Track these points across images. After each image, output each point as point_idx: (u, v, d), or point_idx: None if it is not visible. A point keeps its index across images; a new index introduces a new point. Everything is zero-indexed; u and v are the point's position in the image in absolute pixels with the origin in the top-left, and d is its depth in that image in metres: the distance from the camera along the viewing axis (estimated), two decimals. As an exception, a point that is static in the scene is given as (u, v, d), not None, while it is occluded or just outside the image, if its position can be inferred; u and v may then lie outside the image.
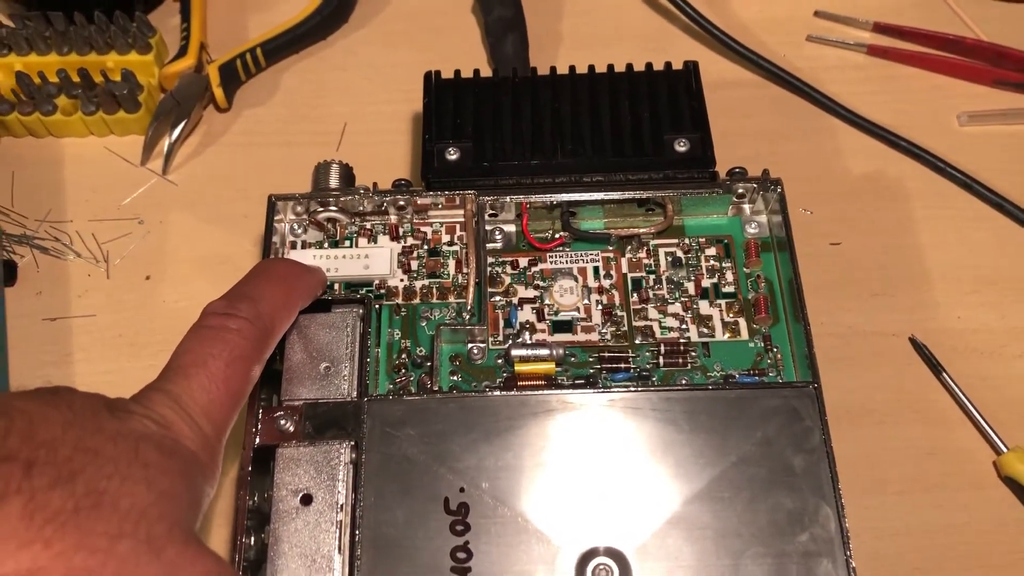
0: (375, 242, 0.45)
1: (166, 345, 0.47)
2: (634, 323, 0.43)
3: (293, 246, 0.45)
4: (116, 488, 0.26)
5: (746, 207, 0.45)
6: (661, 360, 0.42)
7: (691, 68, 0.47)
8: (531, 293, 0.44)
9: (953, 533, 0.43)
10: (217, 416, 0.32)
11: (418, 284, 0.44)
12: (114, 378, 0.47)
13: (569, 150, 0.45)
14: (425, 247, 0.45)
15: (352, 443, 0.38)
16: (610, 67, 0.47)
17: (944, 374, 0.46)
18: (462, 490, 0.37)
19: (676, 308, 0.43)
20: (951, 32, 0.56)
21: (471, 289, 0.43)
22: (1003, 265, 0.49)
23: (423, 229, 0.45)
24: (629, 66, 0.47)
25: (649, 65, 0.47)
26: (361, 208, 0.45)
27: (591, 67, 0.47)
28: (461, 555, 0.36)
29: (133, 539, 0.26)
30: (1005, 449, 0.44)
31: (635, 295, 0.44)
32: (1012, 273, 0.49)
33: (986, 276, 0.49)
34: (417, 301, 0.43)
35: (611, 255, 0.45)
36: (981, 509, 0.43)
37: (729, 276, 0.44)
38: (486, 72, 0.48)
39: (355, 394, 0.40)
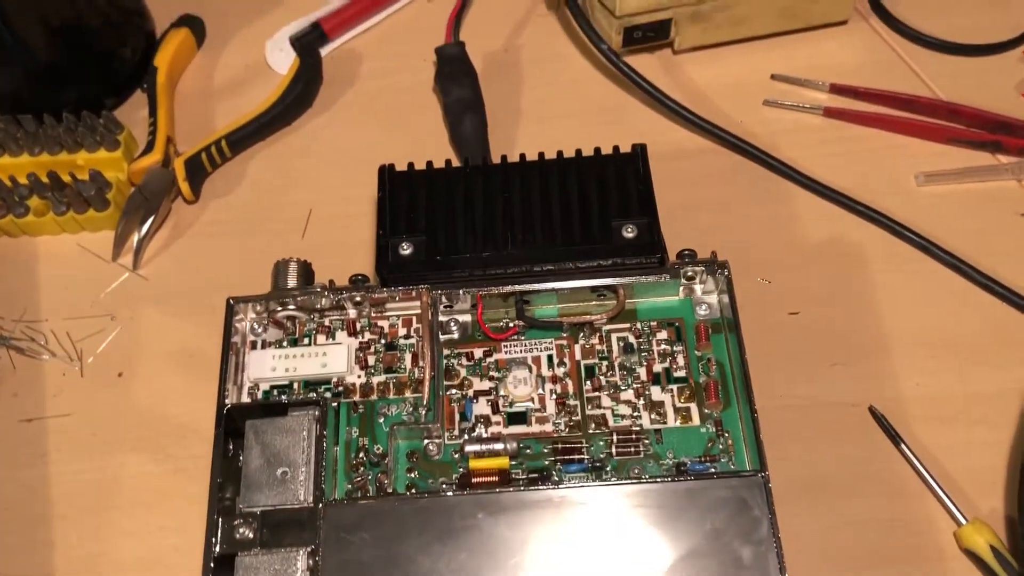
0: (333, 338, 0.46)
1: (139, 443, 0.49)
2: (587, 411, 0.44)
3: (254, 345, 0.46)
4: None
5: (697, 288, 0.46)
6: (614, 449, 0.42)
7: (639, 152, 0.47)
8: (486, 385, 0.45)
9: (914, 608, 0.43)
10: None
11: (375, 380, 0.45)
12: (88, 477, 0.48)
13: (520, 240, 0.45)
14: (383, 341, 0.46)
15: (309, 549, 0.39)
16: (559, 153, 0.48)
17: (903, 444, 0.46)
18: (416, 594, 0.38)
19: (629, 395, 0.44)
20: (906, 91, 0.56)
21: (427, 383, 0.44)
22: (961, 328, 0.50)
23: (380, 323, 0.46)
24: (578, 151, 0.48)
25: (597, 149, 0.48)
26: (319, 305, 0.46)
27: (541, 154, 0.48)
28: (416, 661, 0.37)
29: None
30: (964, 521, 0.44)
31: (588, 383, 0.44)
32: (970, 336, 0.49)
33: (945, 340, 0.49)
34: (374, 397, 0.44)
35: (564, 342, 0.45)
36: (942, 582, 0.43)
37: (680, 360, 0.44)
38: (446, 153, 0.48)
39: (311, 499, 0.40)
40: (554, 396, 0.44)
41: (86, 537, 0.47)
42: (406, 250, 0.46)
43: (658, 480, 0.40)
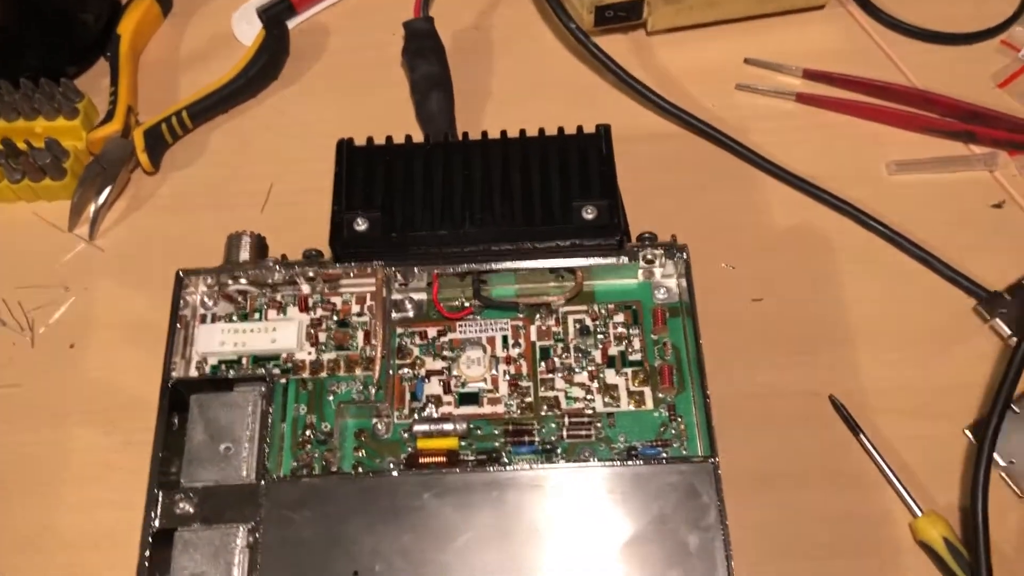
0: (285, 313, 0.45)
1: (89, 416, 0.48)
2: (540, 394, 0.43)
3: (203, 319, 0.45)
4: None
5: (656, 271, 0.45)
6: (565, 432, 0.42)
7: (603, 132, 0.47)
8: (439, 364, 0.44)
9: (866, 600, 0.42)
10: None
11: (326, 357, 0.44)
12: (36, 450, 0.47)
13: (479, 219, 0.45)
14: (335, 318, 0.45)
15: (250, 526, 0.39)
16: (522, 132, 0.47)
17: (862, 435, 0.45)
18: (355, 574, 0.37)
19: (583, 377, 0.43)
20: (881, 78, 0.55)
21: (378, 362, 0.43)
22: (927, 321, 0.49)
23: (333, 300, 0.45)
24: (541, 130, 0.47)
25: (561, 129, 0.47)
26: (271, 280, 0.45)
27: (503, 132, 0.47)
28: (353, 641, 0.37)
29: None
30: (920, 513, 0.43)
31: (543, 364, 0.43)
32: (936, 329, 0.49)
33: (910, 333, 0.49)
34: (324, 375, 0.43)
35: (520, 323, 0.45)
36: (896, 574, 0.43)
37: (636, 343, 0.44)
38: (412, 130, 0.48)
39: (254, 476, 0.40)
40: (507, 377, 0.43)
41: (31, 510, 0.46)
42: (361, 226, 0.45)
43: (607, 464, 0.39)
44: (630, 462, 0.39)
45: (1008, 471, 0.44)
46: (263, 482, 0.39)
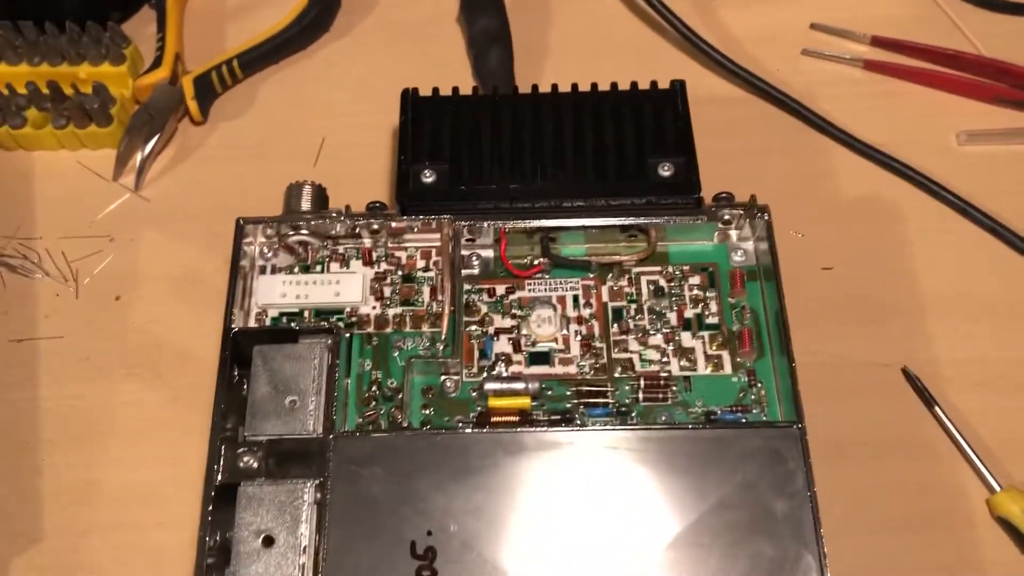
0: (347, 267, 0.43)
1: (134, 368, 0.47)
2: (614, 355, 0.41)
3: (263, 270, 0.43)
4: None
5: (732, 234, 0.44)
6: (640, 395, 0.40)
7: (678, 88, 0.45)
8: (508, 323, 0.42)
9: (942, 573, 0.41)
10: None
11: (391, 312, 0.42)
12: (80, 403, 0.45)
13: (550, 173, 0.43)
14: (399, 273, 0.43)
15: (317, 482, 0.37)
16: (594, 86, 0.45)
17: (937, 407, 0.44)
18: (429, 533, 0.36)
19: (657, 340, 0.42)
20: (951, 47, 0.54)
21: (446, 318, 0.42)
22: (1000, 293, 0.48)
23: (397, 254, 0.44)
24: (614, 85, 0.46)
25: (634, 84, 0.45)
26: (333, 232, 0.43)
27: (574, 85, 0.46)
28: (427, 602, 0.35)
29: None
30: (998, 488, 0.42)
31: (615, 326, 0.42)
32: (1009, 301, 0.47)
33: (983, 304, 0.47)
34: (390, 330, 0.42)
35: (591, 283, 0.43)
36: (971, 549, 0.42)
37: (713, 306, 0.42)
38: (467, 87, 0.46)
39: (321, 430, 0.38)
40: (579, 338, 0.42)
41: (76, 464, 0.44)
42: (428, 178, 0.43)
43: (689, 427, 0.38)
44: (711, 426, 0.38)
45: (1088, 447, 0.43)
46: (331, 436, 0.38)
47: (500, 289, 0.43)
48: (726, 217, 0.43)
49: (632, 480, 0.37)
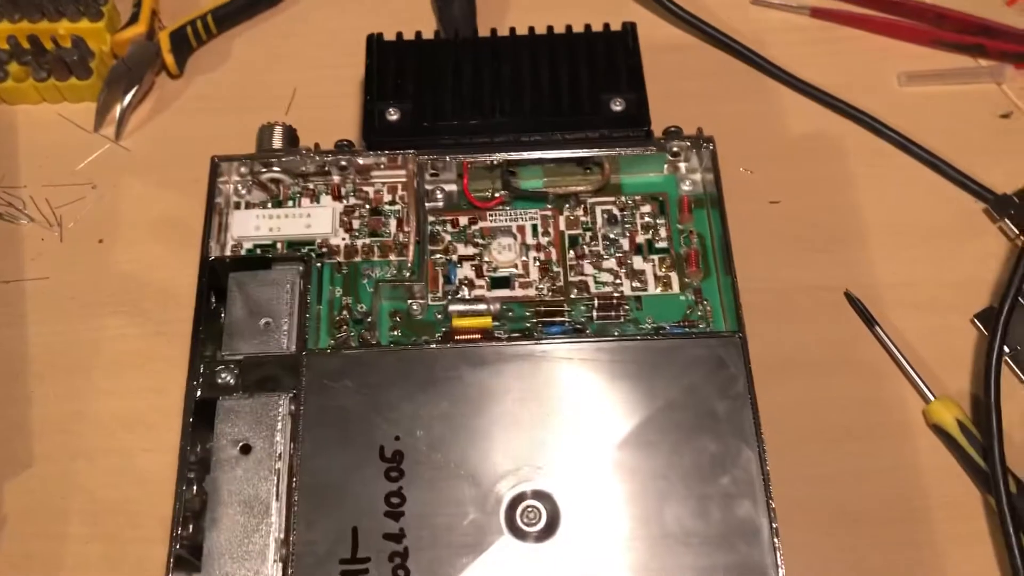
0: (318, 202, 0.46)
1: (119, 307, 0.49)
2: (570, 279, 0.44)
3: (237, 206, 0.46)
4: None
5: (681, 166, 0.46)
6: (595, 314, 0.43)
7: (628, 29, 0.48)
8: (470, 251, 0.45)
9: (880, 478, 0.44)
10: None
11: (360, 243, 0.45)
12: (66, 339, 0.48)
13: (508, 110, 0.46)
14: (367, 207, 0.46)
15: (291, 395, 0.40)
16: (549, 28, 0.48)
17: (876, 327, 0.47)
18: (397, 438, 0.39)
19: (611, 264, 0.44)
20: (892, -6, 0.57)
21: (411, 247, 0.44)
22: (938, 223, 0.50)
23: (365, 189, 0.46)
24: (568, 27, 0.48)
25: (588, 26, 0.48)
26: (304, 169, 0.46)
27: (531, 28, 0.48)
28: (395, 500, 0.38)
29: None
30: (932, 398, 0.45)
31: (572, 251, 0.45)
32: (946, 230, 0.50)
33: (921, 233, 0.50)
34: (359, 259, 0.44)
35: (549, 213, 0.46)
36: (908, 455, 0.45)
37: (663, 232, 0.45)
38: (429, 35, 0.49)
39: (294, 348, 0.41)
40: (537, 263, 0.44)
41: (64, 395, 0.46)
42: (393, 116, 0.45)
43: (638, 337, 0.41)
44: (659, 337, 0.41)
45: (1014, 357, 0.46)
46: (304, 353, 0.40)
47: (463, 220, 0.46)
48: (675, 149, 0.45)
49: (586, 387, 0.40)
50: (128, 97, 0.53)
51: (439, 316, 0.43)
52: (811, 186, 0.52)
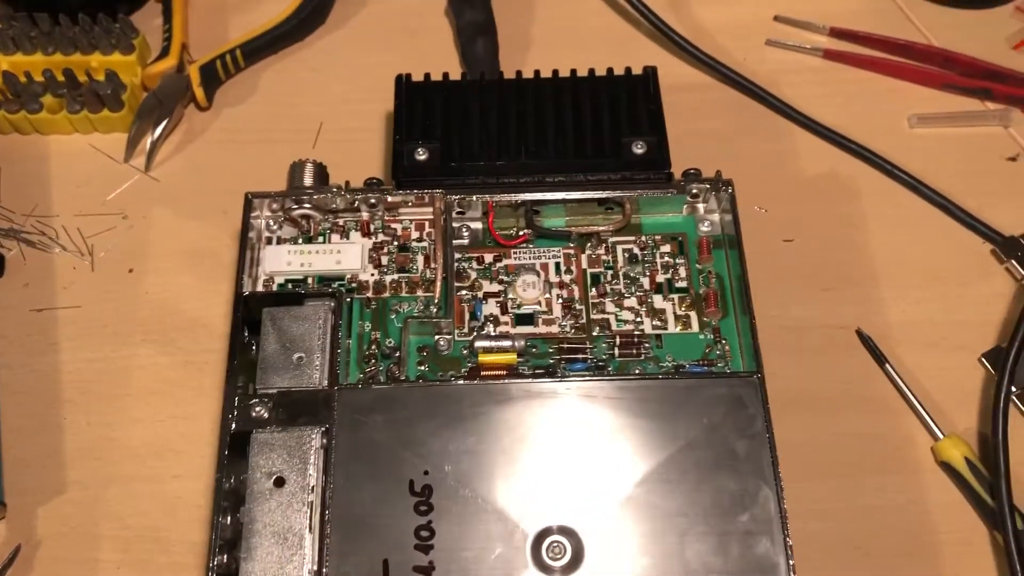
0: (347, 238, 0.47)
1: (149, 335, 0.50)
2: (592, 316, 0.45)
3: (269, 241, 0.47)
4: None
5: (700, 206, 0.48)
6: (616, 351, 0.44)
7: (650, 73, 0.49)
8: (495, 288, 0.46)
9: (891, 514, 0.45)
10: None
11: (388, 278, 0.46)
12: (99, 366, 0.49)
13: (533, 151, 0.47)
14: (395, 243, 0.47)
15: (323, 429, 0.41)
16: (573, 71, 0.49)
17: (887, 364, 0.48)
18: (426, 473, 0.40)
19: (632, 302, 0.46)
20: (903, 38, 0.58)
21: (439, 283, 0.45)
22: (947, 263, 0.52)
23: (393, 226, 0.48)
24: (591, 71, 0.49)
25: (610, 70, 0.49)
26: (334, 205, 0.47)
27: (555, 71, 0.50)
28: (424, 533, 0.39)
29: None
30: (941, 436, 0.46)
31: (594, 289, 0.46)
32: (954, 270, 0.52)
33: (930, 272, 0.52)
34: (387, 295, 0.46)
35: (572, 252, 0.47)
36: (918, 492, 0.46)
37: (682, 272, 0.46)
38: (456, 75, 0.50)
39: (326, 383, 0.42)
40: (560, 300, 0.46)
41: (95, 422, 0.48)
42: (421, 155, 0.47)
43: (659, 377, 0.42)
44: (679, 376, 0.42)
45: (1021, 397, 0.47)
46: (336, 388, 0.42)
47: (488, 257, 0.47)
48: (694, 191, 0.47)
49: (608, 425, 0.41)
50: (159, 129, 0.54)
51: (465, 351, 0.44)
52: (824, 225, 0.53)
